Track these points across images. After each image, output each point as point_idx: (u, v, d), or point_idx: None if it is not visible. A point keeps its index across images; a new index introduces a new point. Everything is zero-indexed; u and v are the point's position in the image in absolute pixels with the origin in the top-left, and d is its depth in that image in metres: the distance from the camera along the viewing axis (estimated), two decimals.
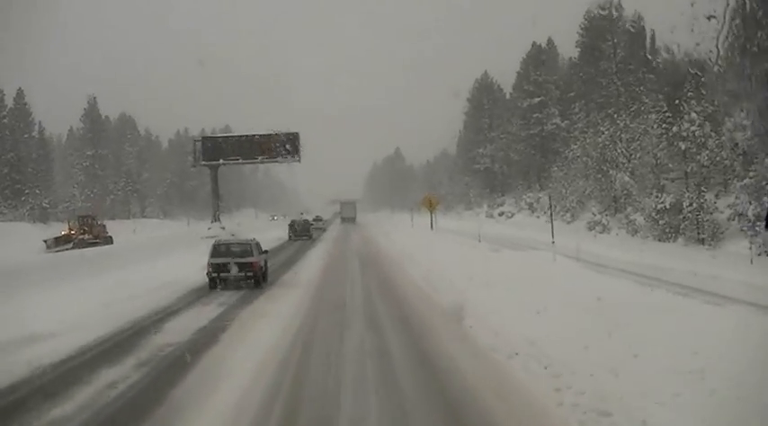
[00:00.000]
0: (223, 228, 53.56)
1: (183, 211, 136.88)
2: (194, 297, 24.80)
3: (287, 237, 59.59)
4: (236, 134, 55.55)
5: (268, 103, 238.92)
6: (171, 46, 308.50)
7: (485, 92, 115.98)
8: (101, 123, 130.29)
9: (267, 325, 18.23)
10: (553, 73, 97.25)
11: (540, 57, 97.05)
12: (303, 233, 60.65)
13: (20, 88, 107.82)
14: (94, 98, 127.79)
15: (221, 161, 53.83)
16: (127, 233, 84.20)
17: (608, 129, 69.46)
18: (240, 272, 26.38)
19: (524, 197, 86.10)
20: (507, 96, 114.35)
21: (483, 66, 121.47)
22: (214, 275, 26.35)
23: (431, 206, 54.12)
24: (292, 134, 56.30)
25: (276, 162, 56.68)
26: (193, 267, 29.82)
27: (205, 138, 55.55)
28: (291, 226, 62.92)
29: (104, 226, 69.17)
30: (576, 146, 76.92)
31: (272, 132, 54.97)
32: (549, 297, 15.94)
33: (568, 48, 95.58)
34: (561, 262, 25.06)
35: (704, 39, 8.60)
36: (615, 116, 70.18)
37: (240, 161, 57.55)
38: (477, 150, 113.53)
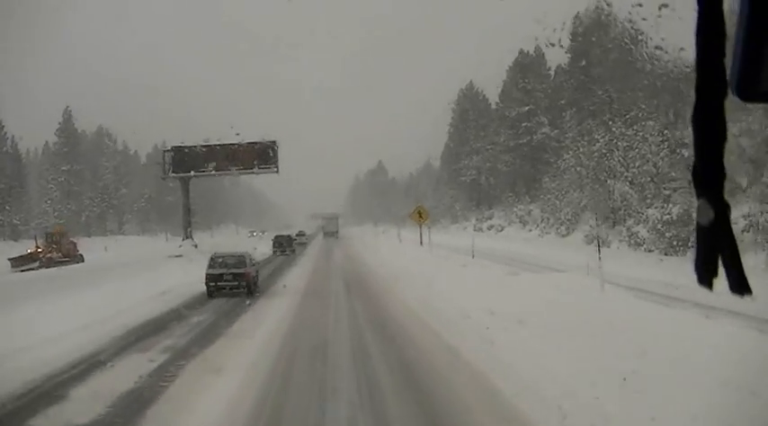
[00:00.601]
0: (195, 246, 48.21)
1: (163, 227, 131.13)
2: (130, 340, 18.79)
3: (270, 253, 57.05)
4: (208, 143, 50.14)
5: (247, 116, 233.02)
6: (146, 59, 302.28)
7: (470, 102, 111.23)
8: (76, 137, 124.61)
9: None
10: (541, 81, 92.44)
11: (527, 65, 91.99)
12: (287, 247, 60.46)
13: None
14: (69, 111, 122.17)
15: (192, 173, 48.19)
16: (100, 250, 78.98)
17: (603, 137, 64.57)
18: (234, 281, 28.66)
19: (515, 209, 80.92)
20: (493, 106, 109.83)
21: (467, 77, 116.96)
22: (211, 284, 28.83)
23: (421, 219, 48.81)
24: (270, 143, 50.60)
25: (252, 173, 50.95)
26: (153, 290, 27.45)
27: (175, 148, 50.01)
28: (276, 240, 62.64)
29: (75, 243, 63.53)
30: (568, 156, 71.86)
31: (247, 142, 50.18)
32: (631, 352, 10.41)
33: (556, 56, 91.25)
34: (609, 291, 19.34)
35: None
36: (610, 123, 65.40)
37: (213, 172, 51.60)
38: (463, 162, 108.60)
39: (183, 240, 50.57)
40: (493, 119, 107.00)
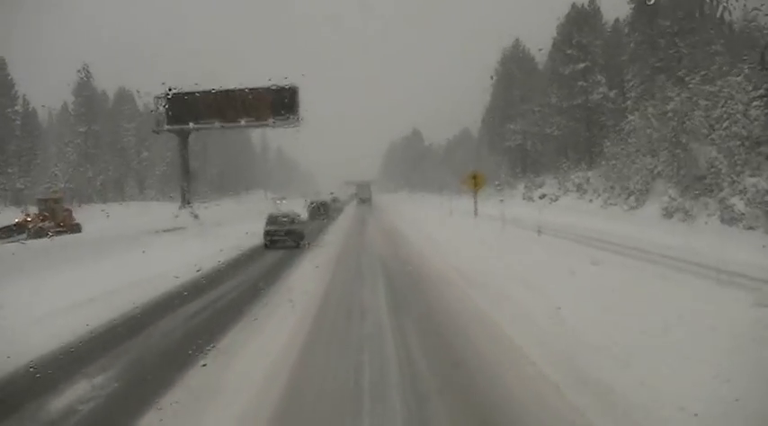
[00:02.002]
0: (196, 217, 38.81)
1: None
2: None
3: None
4: (211, 89, 39.75)
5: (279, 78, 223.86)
6: (170, 16, 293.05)
7: (516, 61, 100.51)
8: (95, 97, 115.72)
9: None
10: (596, 37, 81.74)
11: (583, 18, 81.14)
12: (323, 213, 60.13)
13: (0, 57, 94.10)
14: (87, 69, 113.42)
15: (191, 125, 38.51)
16: (104, 218, 70.61)
17: (678, 95, 54.42)
18: (285, 236, 33.53)
19: (572, 177, 70.69)
20: (540, 67, 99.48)
21: (507, 39, 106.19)
22: (267, 238, 33.77)
23: (476, 185, 39.20)
24: (289, 88, 39.26)
25: (267, 125, 41.83)
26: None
27: (172, 95, 39.70)
28: (311, 205, 61.75)
29: (70, 211, 54.64)
30: (633, 117, 61.65)
31: (260, 87, 40.20)
32: None
33: (612, 8, 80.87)
34: None
35: None
36: (687, 79, 55.37)
37: (218, 125, 41.89)
38: (508, 126, 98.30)
39: (180, 208, 40.88)
40: (540, 80, 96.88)
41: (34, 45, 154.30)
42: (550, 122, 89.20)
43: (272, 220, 34.90)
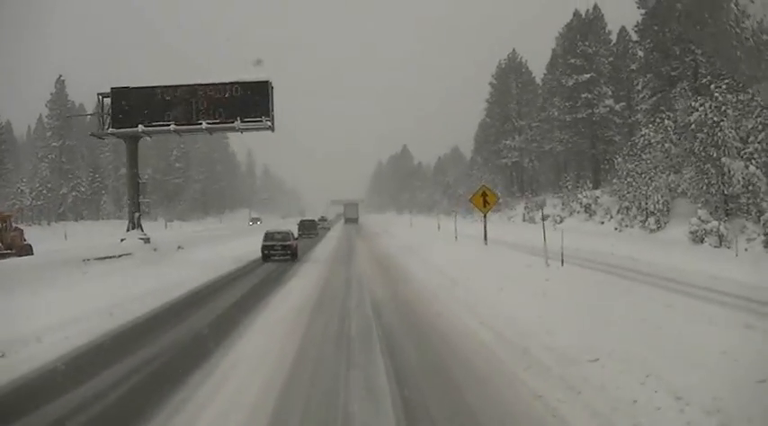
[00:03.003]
0: (147, 241, 31.05)
1: (166, 211, 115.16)
2: None
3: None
4: (167, 84, 31.91)
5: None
6: (152, 27, 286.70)
7: (512, 74, 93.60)
8: (70, 111, 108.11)
9: None
10: (602, 46, 75.03)
11: (587, 26, 74.35)
12: (311, 230, 66.29)
13: None
14: (62, 81, 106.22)
15: (141, 128, 30.66)
16: (69, 237, 63.52)
17: (703, 105, 47.60)
18: (282, 250, 35.46)
19: (579, 196, 63.53)
20: (538, 81, 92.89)
21: (501, 52, 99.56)
22: (265, 252, 35.35)
23: (486, 205, 31.89)
24: (259, 84, 31.12)
25: (232, 129, 32.23)
26: None
27: (116, 91, 31.56)
28: (300, 224, 67.22)
29: (21, 231, 47.08)
30: (648, 130, 54.63)
31: (224, 81, 30.92)
32: None
33: (617, 17, 74.34)
34: None
35: None
36: (712, 87, 48.74)
37: (172, 127, 31.64)
38: (504, 142, 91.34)
39: (129, 230, 32.88)
40: (538, 94, 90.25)
41: (14, 56, 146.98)
42: (549, 138, 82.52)
43: (269, 237, 36.81)
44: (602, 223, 57.63)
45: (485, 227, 32.73)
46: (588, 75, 71.49)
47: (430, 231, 54.22)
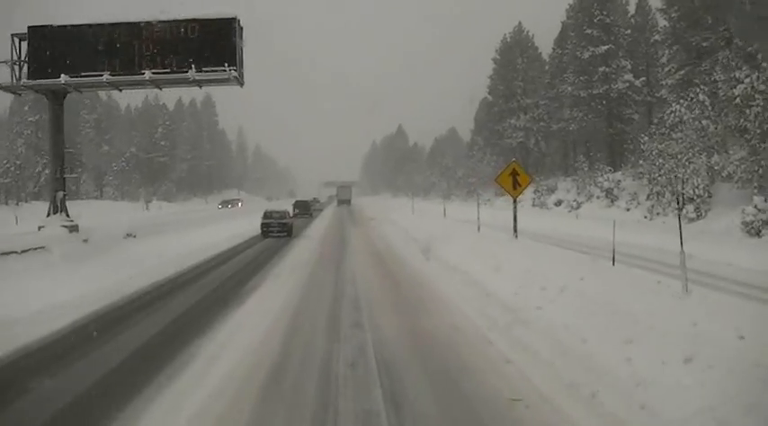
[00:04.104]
0: (74, 229, 22.87)
1: (150, 191, 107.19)
2: None
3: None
4: (100, 22, 23.59)
5: (260, 77, 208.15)
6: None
7: (518, 49, 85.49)
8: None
9: None
10: (621, 15, 67.23)
11: None
12: (305, 212, 67.08)
13: None
14: None
15: (64, 79, 22.33)
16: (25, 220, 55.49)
17: (749, 76, 40.39)
18: (279, 228, 38.26)
19: (600, 179, 55.64)
20: (544, 56, 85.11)
21: (502, 26, 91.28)
22: (264, 229, 38.16)
23: (518, 186, 24.16)
24: (223, 22, 22.49)
25: (187, 81, 22.98)
26: None
27: (36, 31, 23.08)
28: (295, 204, 68.23)
29: None
30: (679, 106, 46.91)
31: (179, 18, 22.47)
32: None
33: None
34: None
35: None
36: (759, 57, 41.57)
37: (106, 79, 22.70)
38: (508, 121, 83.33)
39: (50, 215, 24.44)
40: (545, 71, 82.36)
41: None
42: (558, 117, 74.81)
43: (267, 215, 39.41)
44: (628, 210, 49.92)
45: (514, 216, 24.85)
46: (606, 47, 63.65)
47: (437, 218, 46.16)
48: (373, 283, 17.92)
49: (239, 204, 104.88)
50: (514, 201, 25.19)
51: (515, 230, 24.72)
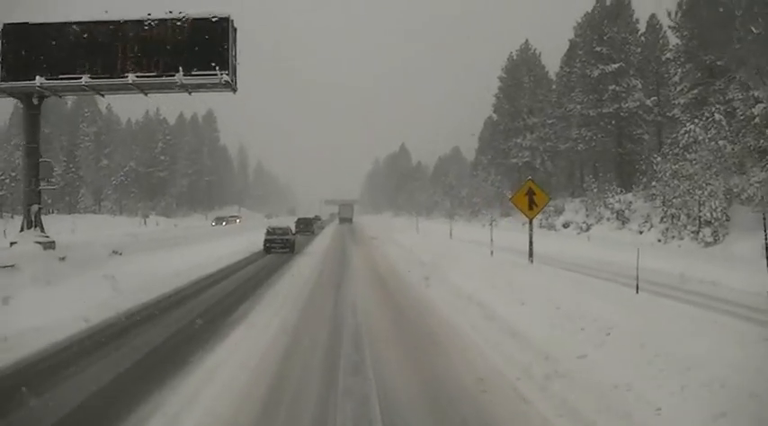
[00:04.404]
0: (49, 246, 20.41)
1: (150, 206, 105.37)
2: None
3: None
4: (81, 20, 20.01)
5: (260, 93, 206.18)
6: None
7: (525, 67, 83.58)
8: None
9: None
10: (631, 32, 65.31)
11: (614, 11, 64.38)
12: (307, 228, 67.44)
13: None
14: None
15: (39, 81, 20.32)
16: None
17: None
18: (281, 244, 38.77)
19: (611, 201, 53.46)
20: (550, 75, 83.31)
21: (504, 52, 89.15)
22: (267, 245, 38.69)
23: (534, 207, 22.09)
24: (215, 22, 20.28)
25: (174, 86, 20.66)
26: None
27: (11, 29, 20.19)
28: (298, 222, 68.87)
29: None
30: (693, 125, 44.86)
31: (166, 17, 20.36)
32: None
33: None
34: None
35: None
36: None
37: (85, 81, 20.28)
38: (514, 140, 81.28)
39: (23, 230, 22.09)
40: (552, 90, 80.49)
41: None
42: (565, 136, 72.81)
43: (270, 232, 40.00)
44: (641, 232, 47.70)
45: (530, 239, 22.76)
46: (616, 65, 61.69)
47: (443, 239, 44.00)
48: (376, 315, 15.55)
49: (237, 221, 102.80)
50: (530, 223, 23.07)
51: (531, 254, 22.59)
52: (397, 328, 13.89)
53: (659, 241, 44.15)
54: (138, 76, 19.51)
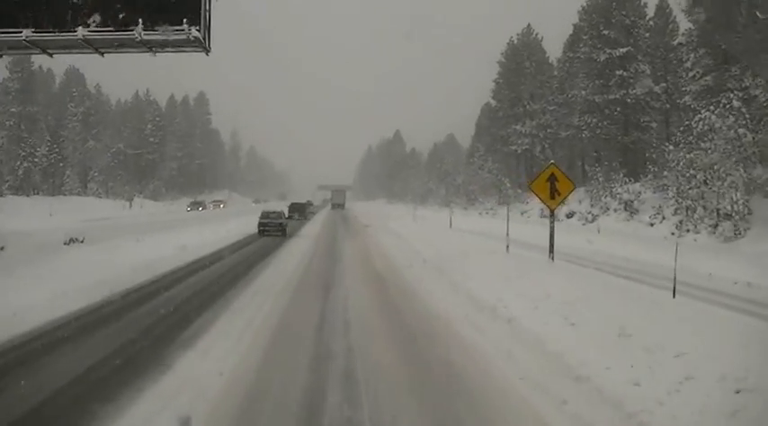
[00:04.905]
0: None
1: (137, 189, 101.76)
2: None
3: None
4: None
5: (257, 79, 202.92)
6: None
7: (526, 52, 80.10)
8: (35, 75, 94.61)
9: None
10: (640, 16, 61.84)
11: None
12: (300, 214, 66.55)
13: None
14: None
15: None
16: None
17: None
18: (275, 227, 39.80)
19: (619, 190, 50.10)
20: (551, 61, 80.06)
21: (504, 35, 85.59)
22: (261, 228, 39.69)
23: (557, 196, 18.72)
24: None
25: (131, 42, 16.12)
26: None
27: None
28: (291, 207, 67.37)
29: None
30: (709, 112, 41.57)
31: None
32: None
33: None
34: None
35: None
36: None
37: (26, 35, 15.37)
38: (513, 126, 77.91)
39: None
40: (554, 76, 77.18)
41: None
42: (567, 124, 69.59)
43: (264, 215, 41.22)
44: (652, 225, 44.43)
45: (551, 233, 19.33)
46: (624, 49, 58.21)
47: (442, 229, 40.47)
48: (376, 335, 11.90)
49: (221, 206, 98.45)
50: (552, 214, 19.67)
51: (552, 250, 19.22)
52: (403, 359, 10.11)
53: (673, 234, 40.81)
54: (90, 32, 15.92)
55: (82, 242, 23.68)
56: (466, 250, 21.99)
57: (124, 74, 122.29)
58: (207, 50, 16.72)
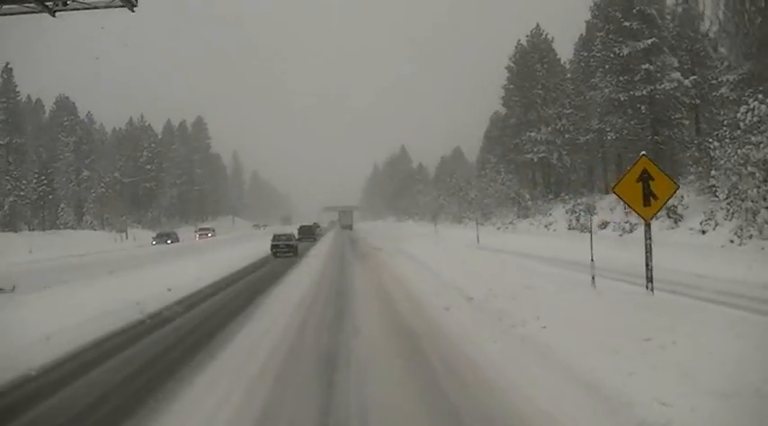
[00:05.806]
0: None
1: (135, 218, 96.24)
2: None
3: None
4: None
5: (256, 102, 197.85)
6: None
7: (536, 54, 74.44)
8: (21, 105, 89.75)
9: None
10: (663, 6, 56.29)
11: None
12: (309, 236, 68.87)
13: None
14: (9, 69, 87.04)
15: None
16: None
17: None
18: (286, 249, 42.05)
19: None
20: (563, 62, 74.68)
21: (507, 44, 79.74)
22: (274, 250, 41.92)
23: (651, 199, 12.80)
24: None
25: (29, 3, 10.39)
26: None
27: None
28: (300, 229, 70.35)
29: None
30: (758, 102, 35.73)
31: None
32: None
33: None
34: None
35: None
36: None
37: None
38: (528, 133, 72.04)
39: None
40: (566, 78, 71.65)
41: None
42: (586, 128, 63.85)
43: (276, 238, 43.60)
44: (704, 232, 38.31)
45: (647, 251, 13.36)
46: (650, 41, 52.31)
47: (470, 248, 34.18)
48: None
49: (209, 235, 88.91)
50: (647, 227, 13.69)
51: (650, 279, 13.24)
52: None
53: (732, 242, 34.66)
54: None
55: (12, 291, 17.83)
56: (523, 281, 15.67)
57: (119, 104, 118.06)
58: (132, 5, 11.03)
